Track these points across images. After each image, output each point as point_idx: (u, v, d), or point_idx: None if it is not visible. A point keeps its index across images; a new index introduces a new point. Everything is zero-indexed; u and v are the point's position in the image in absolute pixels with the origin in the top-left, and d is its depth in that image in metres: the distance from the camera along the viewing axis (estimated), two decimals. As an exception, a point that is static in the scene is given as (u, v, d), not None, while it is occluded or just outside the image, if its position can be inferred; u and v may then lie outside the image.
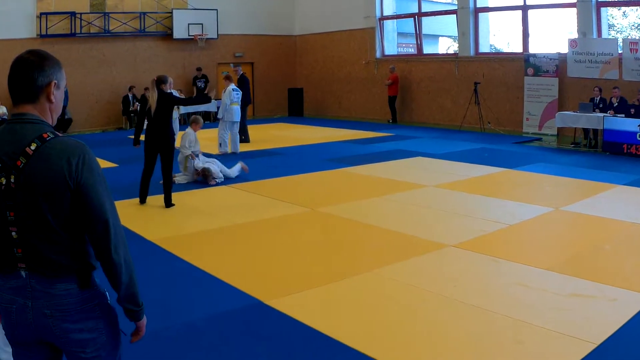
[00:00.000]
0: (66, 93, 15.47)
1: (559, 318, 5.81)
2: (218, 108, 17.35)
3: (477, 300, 6.29)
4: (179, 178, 12.31)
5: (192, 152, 12.43)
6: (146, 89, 21.78)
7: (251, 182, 12.46)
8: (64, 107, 21.19)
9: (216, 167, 12.49)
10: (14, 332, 2.91)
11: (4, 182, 2.73)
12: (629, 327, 5.60)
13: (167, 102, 10.23)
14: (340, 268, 7.36)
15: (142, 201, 10.64)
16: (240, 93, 16.51)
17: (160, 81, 10.37)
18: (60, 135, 2.82)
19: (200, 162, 12.46)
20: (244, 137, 18.34)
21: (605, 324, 5.64)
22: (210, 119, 24.28)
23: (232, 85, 16.54)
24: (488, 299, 6.33)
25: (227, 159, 14.69)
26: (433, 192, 11.67)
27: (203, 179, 12.36)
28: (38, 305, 2.81)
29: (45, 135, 2.75)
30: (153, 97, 10.20)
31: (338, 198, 11.14)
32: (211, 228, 9.25)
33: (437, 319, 5.91)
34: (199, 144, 12.72)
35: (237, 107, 16.38)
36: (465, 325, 5.72)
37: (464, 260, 7.70)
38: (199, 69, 25.67)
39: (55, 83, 2.87)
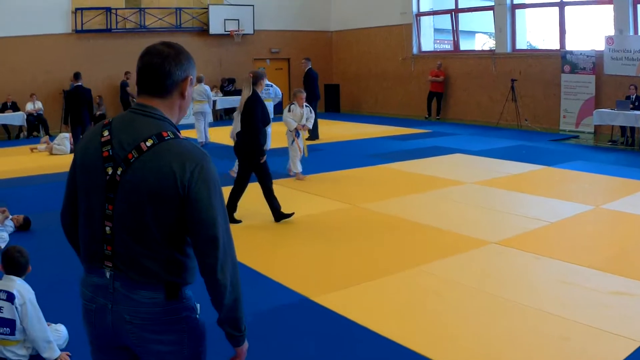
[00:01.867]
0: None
1: (602, 315, 5.84)
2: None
3: (520, 297, 6.35)
4: None
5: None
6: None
7: (292, 179, 12.62)
8: (96, 104, 21.74)
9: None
10: (92, 332, 2.78)
11: (109, 173, 2.59)
12: None
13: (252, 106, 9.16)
14: (384, 264, 7.44)
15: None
16: (273, 89, 16.66)
17: (257, 77, 9.41)
18: (182, 137, 2.67)
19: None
20: (313, 134, 18.34)
21: None
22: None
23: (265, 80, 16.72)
24: (531, 296, 6.37)
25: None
26: (472, 189, 11.71)
27: None
28: (118, 309, 2.64)
29: (164, 134, 2.60)
30: (244, 96, 9.28)
31: (379, 194, 11.20)
32: (254, 224, 9.35)
33: (481, 315, 5.96)
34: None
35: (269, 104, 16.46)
36: (510, 321, 5.79)
37: (507, 257, 7.76)
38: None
39: (191, 78, 2.77)
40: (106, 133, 2.65)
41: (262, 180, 9.26)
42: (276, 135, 14.29)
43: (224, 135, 17.92)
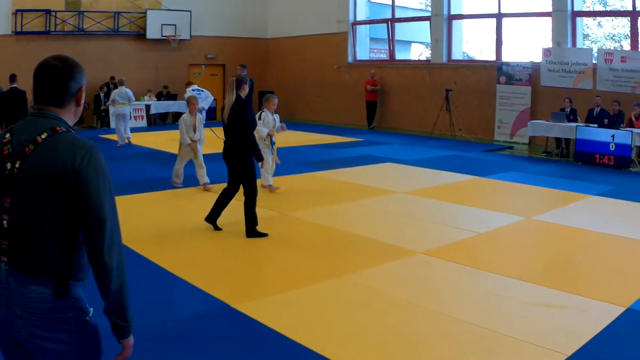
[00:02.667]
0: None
1: (529, 328, 5.74)
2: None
3: (445, 308, 6.23)
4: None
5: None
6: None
7: (221, 185, 11.94)
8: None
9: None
10: None
11: (8, 167, 2.74)
12: (600, 339, 5.53)
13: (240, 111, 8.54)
14: (310, 273, 7.26)
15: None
16: (204, 93, 16.15)
17: (241, 81, 8.67)
18: (74, 132, 2.84)
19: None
20: None
21: (576, 335, 5.58)
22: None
23: (194, 86, 16.32)
24: (457, 307, 6.26)
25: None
26: (403, 199, 11.51)
27: None
28: (10, 304, 2.72)
29: (58, 128, 2.77)
30: (229, 101, 8.59)
31: (308, 203, 11.01)
32: (179, 231, 9.06)
33: (405, 326, 5.81)
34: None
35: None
36: (434, 333, 5.67)
37: (434, 267, 7.62)
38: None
39: (83, 87, 2.92)
40: (8, 135, 2.81)
41: (249, 190, 8.65)
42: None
43: (155, 140, 17.73)
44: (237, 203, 8.89)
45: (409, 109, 23.50)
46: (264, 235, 8.63)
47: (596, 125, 16.44)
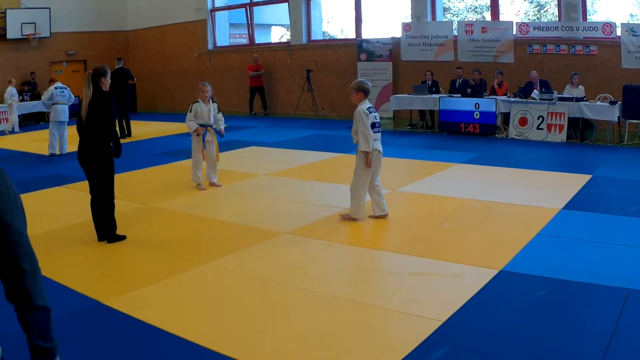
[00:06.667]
0: None
1: (402, 297, 5.73)
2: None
3: (315, 285, 6.14)
4: None
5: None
6: None
7: (81, 182, 10.94)
8: None
9: None
10: None
11: None
12: (473, 303, 5.53)
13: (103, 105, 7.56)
14: (176, 262, 6.99)
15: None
16: (67, 90, 15.22)
17: (99, 74, 7.66)
18: None
19: None
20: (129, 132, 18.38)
21: (450, 301, 5.55)
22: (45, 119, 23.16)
23: (57, 84, 15.31)
24: (326, 284, 6.20)
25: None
26: (266, 181, 11.23)
27: None
28: None
29: None
30: (86, 96, 7.54)
31: (171, 192, 10.58)
32: (44, 229, 8.45)
33: (275, 306, 5.68)
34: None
35: (62, 107, 15.10)
36: (305, 311, 5.57)
37: (300, 246, 7.46)
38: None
39: None
40: None
41: (110, 192, 7.71)
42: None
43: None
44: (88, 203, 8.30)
45: (271, 91, 23.23)
46: (123, 238, 7.81)
47: (459, 95, 16.43)
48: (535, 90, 15.17)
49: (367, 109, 8.11)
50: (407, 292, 5.83)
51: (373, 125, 8.13)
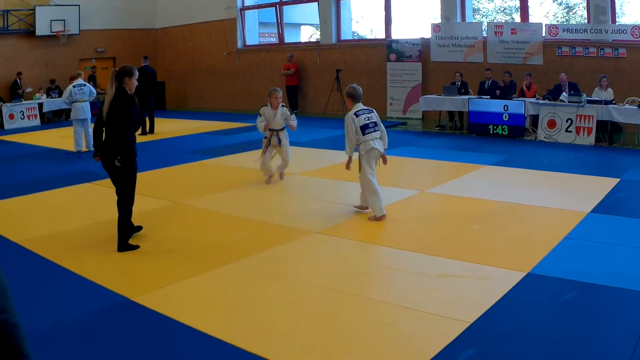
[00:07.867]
0: None
1: (430, 299, 5.74)
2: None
3: (344, 285, 6.17)
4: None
5: None
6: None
7: (107, 180, 11.22)
8: None
9: None
10: None
11: None
12: (501, 305, 5.57)
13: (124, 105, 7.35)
14: (205, 261, 7.06)
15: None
16: (87, 87, 15.36)
17: (123, 73, 7.41)
18: None
19: None
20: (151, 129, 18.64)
21: (477, 303, 5.59)
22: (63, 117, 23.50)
23: (77, 81, 15.40)
24: (355, 284, 6.22)
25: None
26: (298, 180, 11.34)
27: None
28: None
29: None
30: (109, 95, 7.37)
31: (201, 190, 10.67)
32: (73, 227, 8.63)
33: (306, 306, 5.73)
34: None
35: (82, 105, 15.19)
36: (333, 311, 5.60)
37: (330, 246, 7.52)
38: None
39: None
40: None
41: (128, 198, 7.61)
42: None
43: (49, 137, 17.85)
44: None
45: (301, 90, 23.25)
46: (135, 248, 7.50)
47: (488, 97, 16.44)
48: (564, 93, 15.14)
49: (354, 113, 8.31)
50: (435, 294, 5.86)
51: (366, 127, 8.32)
